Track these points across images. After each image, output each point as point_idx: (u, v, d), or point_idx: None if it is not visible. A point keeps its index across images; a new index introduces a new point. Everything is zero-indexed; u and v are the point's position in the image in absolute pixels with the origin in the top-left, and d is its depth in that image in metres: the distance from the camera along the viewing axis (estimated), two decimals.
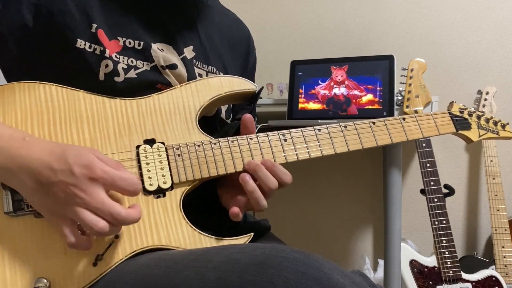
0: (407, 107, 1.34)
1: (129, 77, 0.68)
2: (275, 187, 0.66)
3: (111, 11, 0.69)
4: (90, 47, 0.66)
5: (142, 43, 0.70)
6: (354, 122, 0.74)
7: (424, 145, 1.45)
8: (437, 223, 1.42)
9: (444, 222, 1.42)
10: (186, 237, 0.64)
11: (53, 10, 0.64)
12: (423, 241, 1.79)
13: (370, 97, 1.44)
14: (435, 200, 1.42)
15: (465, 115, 0.82)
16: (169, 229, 0.64)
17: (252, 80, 0.93)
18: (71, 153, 0.55)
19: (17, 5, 0.63)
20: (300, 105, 1.51)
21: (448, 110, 0.82)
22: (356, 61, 1.51)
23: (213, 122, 0.79)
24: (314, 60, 1.58)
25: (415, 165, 1.79)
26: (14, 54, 0.66)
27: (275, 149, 0.70)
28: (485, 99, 1.59)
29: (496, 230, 1.54)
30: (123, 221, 0.54)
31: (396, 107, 1.45)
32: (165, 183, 0.65)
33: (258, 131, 0.72)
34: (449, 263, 1.42)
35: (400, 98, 1.44)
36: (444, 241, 1.42)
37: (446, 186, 1.46)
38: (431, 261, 1.46)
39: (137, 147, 0.65)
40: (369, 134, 0.74)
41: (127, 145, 0.65)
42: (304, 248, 0.53)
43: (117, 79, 0.67)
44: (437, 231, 1.42)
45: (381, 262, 1.61)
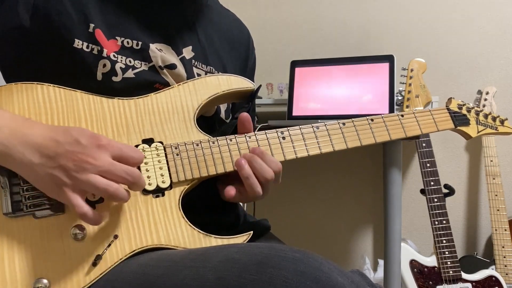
0: (407, 107, 1.34)
1: (127, 77, 0.68)
2: (271, 177, 0.66)
3: (109, 11, 0.69)
4: (87, 47, 0.66)
5: (140, 43, 0.70)
6: (352, 119, 0.74)
7: (424, 145, 1.45)
8: (437, 223, 1.42)
9: (444, 222, 1.42)
10: (185, 236, 0.64)
11: (50, 9, 0.64)
12: (423, 241, 1.79)
13: (369, 97, 1.44)
14: (435, 200, 1.42)
15: (464, 111, 0.81)
16: (169, 228, 0.63)
17: (252, 79, 0.93)
18: (74, 129, 0.56)
19: (14, 4, 0.63)
20: (300, 105, 1.51)
21: (446, 106, 0.81)
22: (356, 61, 1.51)
23: (212, 121, 0.79)
24: (314, 60, 1.58)
25: (415, 165, 1.78)
26: (11, 54, 0.66)
27: (274, 147, 0.70)
28: (485, 99, 1.59)
29: (496, 230, 1.54)
30: (137, 178, 0.56)
31: (396, 107, 1.44)
32: (164, 182, 0.65)
33: (258, 131, 0.72)
34: (449, 263, 1.42)
35: (400, 98, 1.44)
36: (444, 241, 1.42)
37: (446, 186, 1.46)
38: (431, 261, 1.46)
39: (136, 147, 0.65)
40: (367, 131, 0.74)
41: None
42: (304, 248, 0.53)
43: (115, 78, 0.67)
44: (437, 231, 1.42)
45: (381, 262, 1.60)
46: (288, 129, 0.72)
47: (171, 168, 0.66)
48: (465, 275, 1.43)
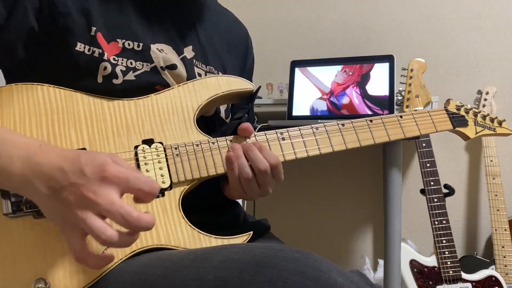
0: (407, 107, 1.34)
1: (127, 79, 0.68)
2: (265, 168, 0.66)
3: (110, 12, 0.69)
4: (89, 50, 0.66)
5: (141, 44, 0.70)
6: (351, 120, 0.74)
7: (424, 145, 1.45)
8: (437, 223, 1.42)
9: (444, 222, 1.42)
10: (185, 236, 0.64)
11: (55, 13, 0.64)
12: (423, 241, 1.79)
13: (369, 97, 1.44)
14: (435, 200, 1.42)
15: (462, 112, 0.82)
16: (169, 228, 0.64)
17: (250, 80, 0.93)
18: (86, 155, 0.52)
19: (23, 10, 0.63)
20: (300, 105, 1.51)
21: (445, 107, 0.82)
22: (356, 61, 1.51)
23: (212, 122, 0.79)
24: (314, 60, 1.58)
25: (415, 165, 1.79)
26: (21, 57, 0.66)
27: (273, 148, 0.70)
28: (485, 99, 1.59)
29: (496, 230, 1.54)
30: (135, 223, 0.49)
31: (396, 107, 1.45)
32: (164, 183, 0.65)
33: (258, 131, 0.72)
34: (449, 263, 1.42)
35: (400, 98, 1.44)
36: (444, 241, 1.42)
37: (446, 186, 1.46)
38: (431, 261, 1.46)
39: (136, 147, 0.65)
40: (366, 131, 0.74)
41: (126, 146, 0.65)
42: (304, 248, 0.53)
43: (115, 81, 0.67)
44: (437, 231, 1.42)
45: (381, 262, 1.60)
46: (287, 130, 0.72)
47: (171, 168, 0.66)
48: (465, 275, 1.43)
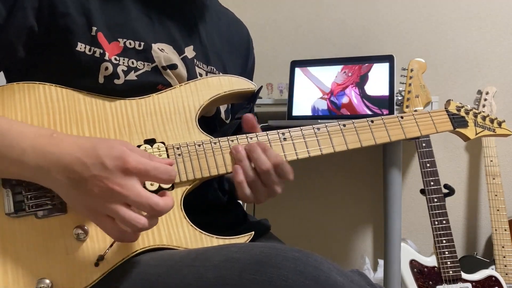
0: (407, 107, 1.35)
1: (129, 79, 0.68)
2: (267, 167, 0.66)
3: (111, 12, 0.69)
4: (90, 50, 0.66)
5: (142, 44, 0.70)
6: (352, 120, 0.75)
7: (424, 145, 1.45)
8: (437, 223, 1.42)
9: (444, 222, 1.42)
10: (187, 236, 0.64)
11: (55, 13, 0.64)
12: (423, 241, 1.79)
13: (369, 97, 1.44)
14: (435, 200, 1.42)
15: (462, 113, 0.82)
16: (170, 228, 0.64)
17: (251, 79, 0.93)
18: (102, 146, 0.53)
19: (22, 11, 0.63)
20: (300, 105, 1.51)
21: (445, 108, 0.82)
22: (356, 61, 1.51)
23: (212, 121, 0.79)
24: (314, 60, 1.58)
25: (415, 165, 1.79)
26: (21, 57, 0.66)
27: (275, 148, 0.70)
28: (485, 99, 1.60)
29: (496, 230, 1.54)
30: (162, 211, 0.53)
31: (396, 107, 1.45)
32: None
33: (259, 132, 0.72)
34: (449, 263, 1.42)
35: (400, 98, 1.44)
36: (444, 241, 1.42)
37: (446, 186, 1.46)
38: (431, 261, 1.46)
39: (138, 147, 0.65)
40: (367, 132, 0.74)
41: None
42: (304, 248, 0.53)
43: (116, 81, 0.67)
44: (437, 231, 1.42)
45: (381, 262, 1.61)
46: (289, 130, 0.72)
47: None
48: (465, 275, 1.43)
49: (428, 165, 1.43)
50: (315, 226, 1.90)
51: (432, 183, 1.42)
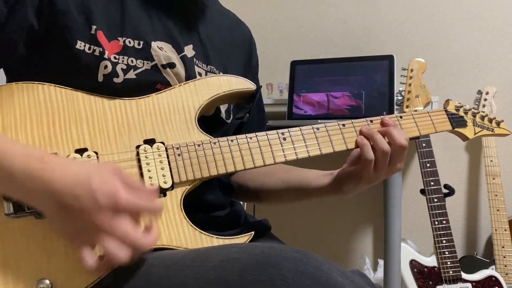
0: (407, 107, 1.35)
1: (128, 78, 0.68)
2: (387, 149, 0.70)
3: (111, 11, 0.69)
4: (89, 49, 0.66)
5: (142, 42, 0.70)
6: (352, 120, 0.75)
7: (424, 145, 1.45)
8: (437, 223, 1.42)
9: (444, 222, 1.42)
10: (187, 236, 0.64)
11: (55, 11, 0.64)
12: (423, 241, 1.79)
13: (369, 97, 1.44)
14: (435, 200, 1.42)
15: (461, 113, 0.82)
16: (170, 229, 0.64)
17: (256, 79, 0.93)
18: (95, 177, 0.52)
19: (23, 9, 0.63)
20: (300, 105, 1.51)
21: (444, 108, 0.82)
22: (356, 61, 1.51)
23: (212, 121, 0.79)
24: (314, 60, 1.58)
25: (415, 165, 1.79)
26: (22, 56, 0.66)
27: (275, 148, 0.70)
28: (485, 99, 1.60)
29: (496, 230, 1.54)
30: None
31: (396, 107, 1.45)
32: (165, 182, 0.65)
33: (258, 132, 0.72)
34: (449, 263, 1.42)
35: (400, 98, 1.45)
36: (444, 241, 1.42)
37: (446, 186, 1.46)
38: (431, 261, 1.46)
39: (137, 147, 0.65)
40: None
41: (127, 145, 0.65)
42: (304, 248, 0.53)
43: (116, 80, 0.67)
44: (437, 231, 1.42)
45: (381, 262, 1.61)
46: (288, 130, 0.72)
47: (172, 168, 0.66)
48: (465, 275, 1.43)
49: (428, 165, 1.43)
50: (315, 226, 1.90)
51: (432, 183, 1.42)
